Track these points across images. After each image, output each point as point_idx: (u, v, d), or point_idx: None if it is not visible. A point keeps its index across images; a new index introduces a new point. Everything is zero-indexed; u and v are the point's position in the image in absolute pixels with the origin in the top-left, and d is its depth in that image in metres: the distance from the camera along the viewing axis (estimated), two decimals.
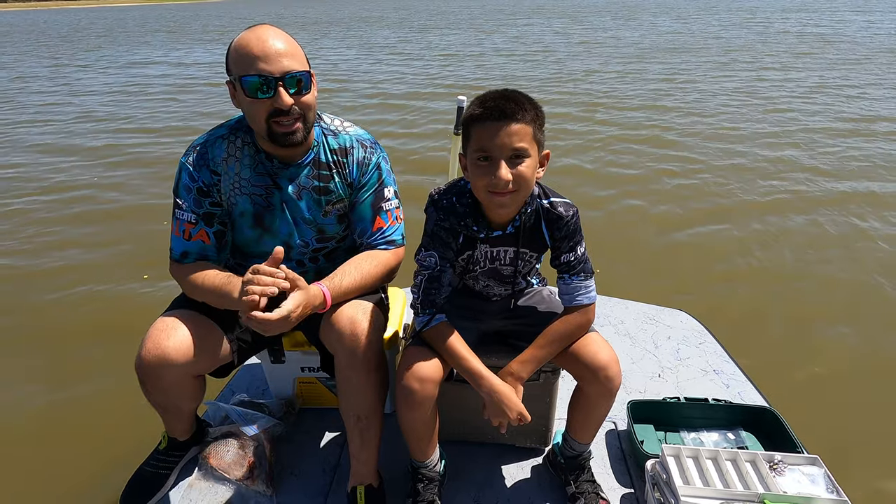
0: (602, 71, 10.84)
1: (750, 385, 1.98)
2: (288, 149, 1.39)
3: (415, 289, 1.38)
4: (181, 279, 1.45)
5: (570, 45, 15.17)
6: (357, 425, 1.44)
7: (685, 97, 8.29)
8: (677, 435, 1.75)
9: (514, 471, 1.65)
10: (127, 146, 6.69)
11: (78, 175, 5.64)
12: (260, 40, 1.29)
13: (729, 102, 7.88)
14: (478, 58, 13.36)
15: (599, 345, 1.35)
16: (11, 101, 9.83)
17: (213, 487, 1.57)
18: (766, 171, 5.10)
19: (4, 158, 6.29)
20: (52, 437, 2.28)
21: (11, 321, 3.13)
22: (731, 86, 8.93)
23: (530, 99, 1.24)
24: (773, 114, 7.13)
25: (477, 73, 11.10)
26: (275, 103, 1.29)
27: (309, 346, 1.68)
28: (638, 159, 5.55)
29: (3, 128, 7.85)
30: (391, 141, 6.43)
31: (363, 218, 1.51)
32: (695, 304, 2.69)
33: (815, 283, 3.27)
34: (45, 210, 4.72)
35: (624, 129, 6.66)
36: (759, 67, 10.56)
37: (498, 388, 1.30)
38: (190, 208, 1.43)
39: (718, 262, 3.54)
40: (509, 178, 1.19)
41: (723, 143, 6.00)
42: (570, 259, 1.35)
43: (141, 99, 9.73)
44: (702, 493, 1.35)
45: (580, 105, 8.04)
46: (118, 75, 12.73)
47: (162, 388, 1.40)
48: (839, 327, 2.83)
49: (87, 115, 8.52)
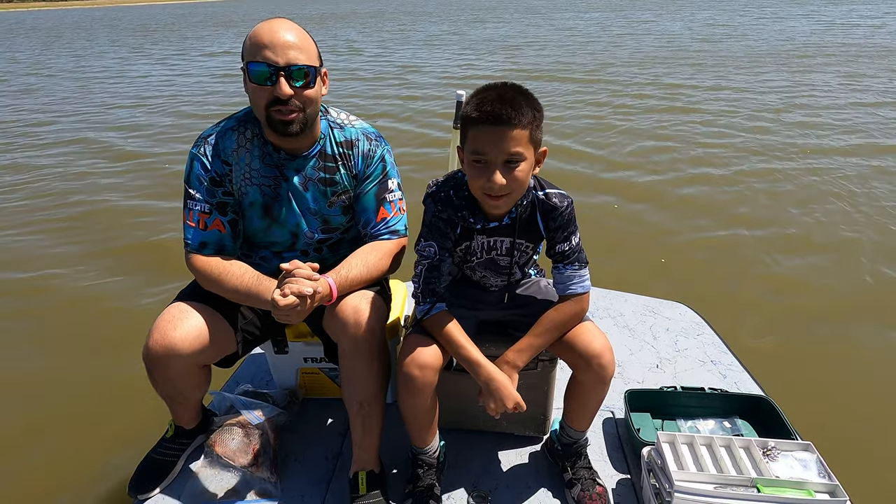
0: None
1: (747, 375, 2.00)
2: (287, 139, 1.42)
3: (415, 278, 1.41)
4: (200, 270, 1.46)
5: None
6: (359, 412, 1.48)
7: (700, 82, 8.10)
8: (674, 423, 1.78)
9: (512, 458, 1.69)
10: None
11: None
12: (271, 31, 1.33)
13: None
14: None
15: (593, 333, 1.38)
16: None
17: (218, 474, 1.62)
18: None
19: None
20: (62, 426, 2.33)
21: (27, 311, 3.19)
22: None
23: (528, 98, 1.23)
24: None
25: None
26: (275, 92, 1.32)
27: (312, 337, 1.72)
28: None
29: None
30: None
31: (367, 208, 1.55)
32: (696, 297, 2.71)
33: (815, 280, 3.28)
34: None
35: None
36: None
37: (495, 377, 1.33)
38: (203, 198, 1.46)
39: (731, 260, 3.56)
40: (503, 182, 1.21)
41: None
42: (565, 249, 1.38)
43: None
44: (696, 478, 1.38)
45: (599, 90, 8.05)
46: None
47: (169, 377, 1.44)
48: (841, 321, 2.85)
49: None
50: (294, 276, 1.31)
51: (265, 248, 1.59)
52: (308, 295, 1.29)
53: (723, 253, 3.60)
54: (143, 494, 1.56)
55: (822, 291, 3.13)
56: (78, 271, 3.68)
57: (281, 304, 1.27)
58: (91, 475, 2.05)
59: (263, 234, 1.56)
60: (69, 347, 2.87)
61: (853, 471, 1.67)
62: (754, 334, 2.73)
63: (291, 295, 1.28)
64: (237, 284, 1.42)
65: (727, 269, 3.39)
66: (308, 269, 1.33)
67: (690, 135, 6.17)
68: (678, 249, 3.66)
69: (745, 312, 2.91)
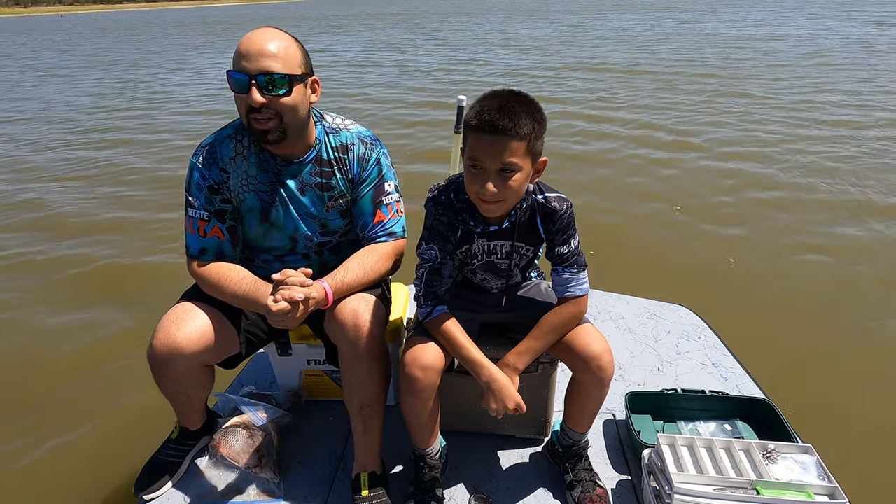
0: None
1: (748, 378, 2.01)
2: (276, 146, 1.43)
3: (417, 281, 1.43)
4: (201, 277, 1.49)
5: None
6: (360, 414, 1.49)
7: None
8: (674, 426, 1.78)
9: (513, 459, 1.69)
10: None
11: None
12: (250, 40, 1.35)
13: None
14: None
15: (592, 335, 1.39)
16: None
17: (222, 474, 1.64)
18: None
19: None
20: (68, 427, 2.36)
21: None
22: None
23: (531, 108, 1.23)
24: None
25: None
26: (248, 100, 1.35)
27: (315, 339, 1.74)
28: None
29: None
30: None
31: (364, 212, 1.57)
32: (698, 300, 2.71)
33: (817, 280, 3.28)
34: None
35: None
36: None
37: (496, 377, 1.34)
38: (202, 206, 1.49)
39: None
40: (495, 190, 1.23)
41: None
42: (564, 251, 1.39)
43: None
44: (695, 480, 1.38)
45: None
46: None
47: (172, 377, 1.46)
48: (842, 323, 2.85)
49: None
50: (286, 284, 1.33)
51: (266, 253, 1.62)
52: (299, 300, 1.31)
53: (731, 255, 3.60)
54: (148, 495, 1.58)
55: (823, 293, 3.12)
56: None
57: (273, 311, 1.30)
58: (96, 476, 2.07)
59: (262, 239, 1.58)
60: (74, 347, 2.90)
61: (853, 473, 1.67)
62: (755, 337, 2.73)
63: (283, 301, 1.30)
64: (235, 290, 1.44)
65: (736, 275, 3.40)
66: (300, 276, 1.35)
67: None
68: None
69: (747, 315, 2.91)
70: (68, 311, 3.29)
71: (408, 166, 5.42)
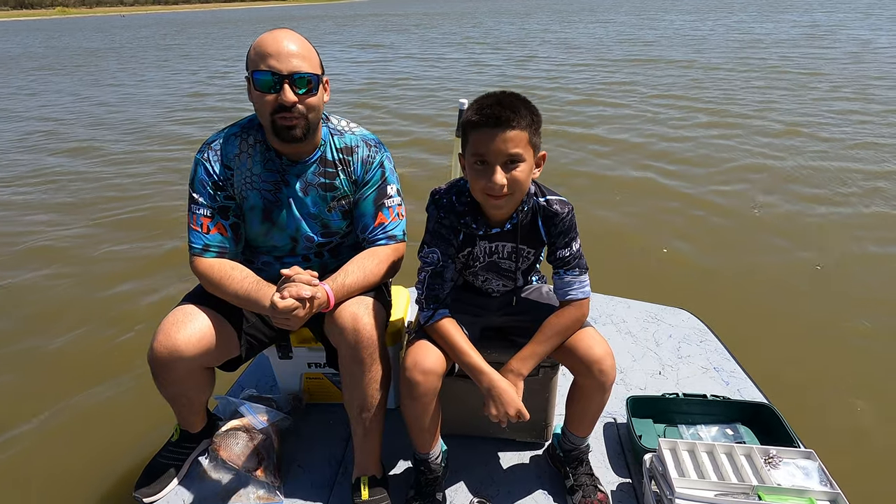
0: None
1: (750, 382, 2.00)
2: (292, 145, 1.45)
3: (419, 285, 1.43)
4: (203, 274, 1.49)
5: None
6: (360, 417, 1.49)
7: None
8: (676, 430, 1.78)
9: (514, 463, 1.69)
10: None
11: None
12: (276, 41, 1.37)
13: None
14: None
15: (594, 339, 1.39)
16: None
17: (223, 477, 1.63)
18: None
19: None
20: (70, 429, 2.36)
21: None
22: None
23: (527, 104, 1.27)
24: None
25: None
26: (279, 99, 1.36)
27: (315, 343, 1.74)
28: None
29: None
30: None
31: (365, 214, 1.57)
32: (699, 303, 2.70)
33: (819, 285, 3.27)
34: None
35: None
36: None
37: (498, 384, 1.33)
38: (206, 203, 1.49)
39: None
40: (504, 182, 1.24)
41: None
42: (565, 255, 1.39)
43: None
44: (697, 485, 1.38)
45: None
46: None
47: (172, 380, 1.46)
48: (843, 326, 2.84)
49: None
50: (293, 281, 1.33)
51: (266, 254, 1.62)
52: (306, 297, 1.32)
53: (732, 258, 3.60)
54: (148, 497, 1.58)
55: (824, 297, 3.11)
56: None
57: (280, 307, 1.30)
58: (97, 478, 2.07)
59: (263, 238, 1.58)
60: (75, 351, 2.91)
61: (855, 479, 1.66)
62: (758, 341, 2.72)
63: (290, 297, 1.30)
64: (237, 288, 1.44)
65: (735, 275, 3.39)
66: (308, 275, 1.36)
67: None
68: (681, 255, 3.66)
69: (750, 319, 2.90)
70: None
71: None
